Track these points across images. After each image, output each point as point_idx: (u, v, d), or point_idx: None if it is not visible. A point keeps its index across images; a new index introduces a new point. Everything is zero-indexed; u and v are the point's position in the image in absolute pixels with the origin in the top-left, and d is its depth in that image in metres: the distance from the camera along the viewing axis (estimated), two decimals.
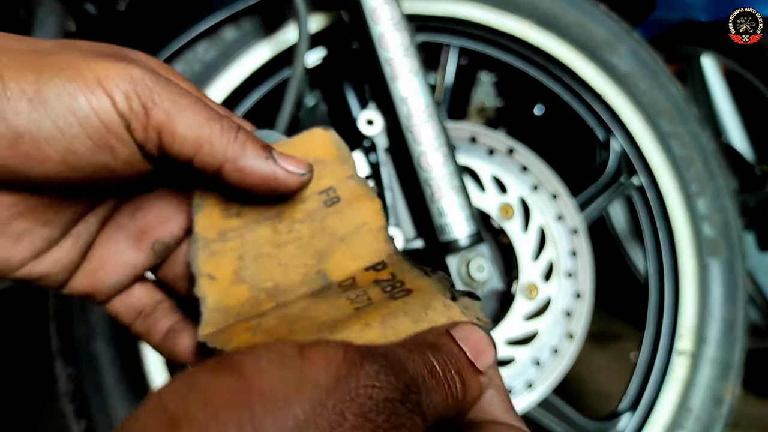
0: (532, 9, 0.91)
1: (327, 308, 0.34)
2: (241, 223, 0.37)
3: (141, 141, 0.30)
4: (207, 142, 0.31)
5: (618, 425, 0.91)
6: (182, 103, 0.30)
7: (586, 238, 0.88)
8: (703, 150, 0.95)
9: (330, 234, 0.38)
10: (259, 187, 0.34)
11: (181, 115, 0.30)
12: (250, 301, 0.36)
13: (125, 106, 0.29)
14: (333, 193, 0.38)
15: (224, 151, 0.32)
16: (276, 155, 0.34)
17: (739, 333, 0.92)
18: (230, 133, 0.32)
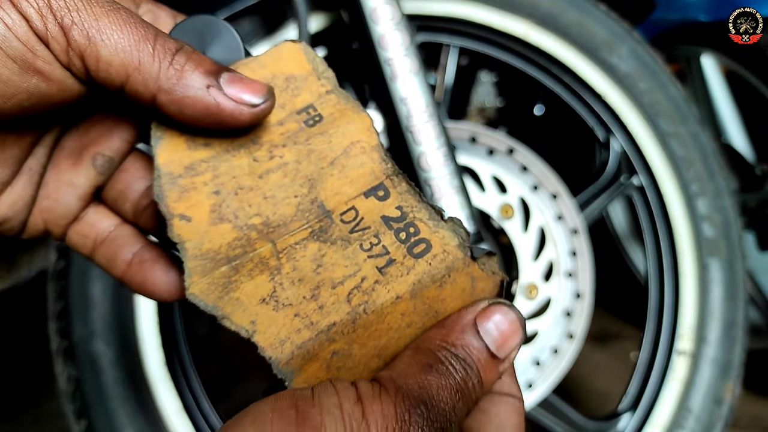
0: (532, 9, 0.91)
1: (342, 262, 0.32)
2: (211, 152, 0.32)
3: (66, 64, 0.27)
4: (135, 69, 0.27)
5: (618, 425, 0.91)
6: (106, 21, 0.27)
7: (586, 238, 0.88)
8: (703, 150, 0.95)
9: (318, 157, 0.33)
10: (202, 121, 0.29)
11: (104, 36, 0.26)
12: (240, 241, 0.31)
13: (40, 25, 0.26)
14: (313, 111, 0.34)
15: (156, 79, 0.28)
16: (223, 81, 0.29)
17: (739, 333, 0.92)
18: (164, 56, 0.28)
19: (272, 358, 0.30)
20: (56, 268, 0.80)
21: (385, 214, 0.33)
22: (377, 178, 0.34)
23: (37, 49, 0.26)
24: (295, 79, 0.35)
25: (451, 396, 0.27)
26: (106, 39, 0.26)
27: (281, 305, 0.30)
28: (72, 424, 0.79)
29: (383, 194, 0.33)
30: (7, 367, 1.46)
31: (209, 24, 0.33)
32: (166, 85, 0.28)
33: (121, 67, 0.27)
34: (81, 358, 0.79)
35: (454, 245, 0.33)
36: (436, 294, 0.32)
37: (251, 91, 0.29)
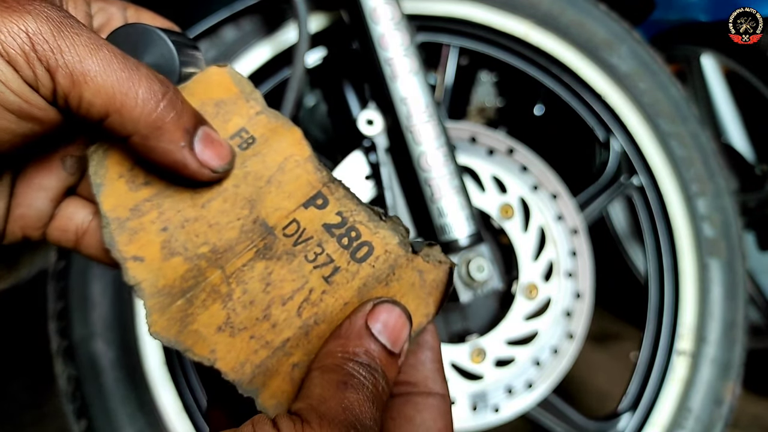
0: (532, 9, 0.91)
1: (289, 276, 0.33)
2: (153, 191, 0.33)
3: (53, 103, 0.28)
4: (116, 111, 0.28)
5: (618, 425, 0.91)
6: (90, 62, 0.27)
7: (586, 238, 0.88)
8: (703, 150, 0.95)
9: (255, 178, 0.34)
10: (163, 166, 0.31)
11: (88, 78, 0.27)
12: (191, 272, 0.32)
13: (29, 73, 0.26)
14: (245, 134, 0.35)
15: (135, 125, 0.28)
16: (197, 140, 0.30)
17: (739, 333, 0.92)
18: (147, 105, 0.28)
19: (235, 380, 0.31)
20: (56, 268, 0.80)
21: (326, 222, 0.34)
22: (314, 187, 0.35)
23: (30, 99, 0.27)
24: (225, 104, 0.36)
25: (370, 408, 0.28)
26: (90, 81, 0.27)
27: (237, 330, 0.32)
28: (72, 424, 0.79)
29: (322, 202, 0.35)
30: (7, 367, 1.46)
31: (145, 33, 0.33)
32: (141, 132, 0.29)
33: (103, 108, 0.28)
34: (81, 358, 0.79)
35: (395, 244, 0.34)
36: (384, 293, 0.33)
37: (218, 156, 0.31)
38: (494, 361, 0.84)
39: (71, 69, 0.27)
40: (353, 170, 0.86)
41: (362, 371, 0.29)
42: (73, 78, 0.27)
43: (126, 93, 0.28)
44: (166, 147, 0.29)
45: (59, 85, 0.27)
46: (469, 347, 0.83)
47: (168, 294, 0.32)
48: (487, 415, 0.82)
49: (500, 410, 0.83)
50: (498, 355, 0.84)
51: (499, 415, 0.83)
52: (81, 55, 0.27)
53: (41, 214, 0.35)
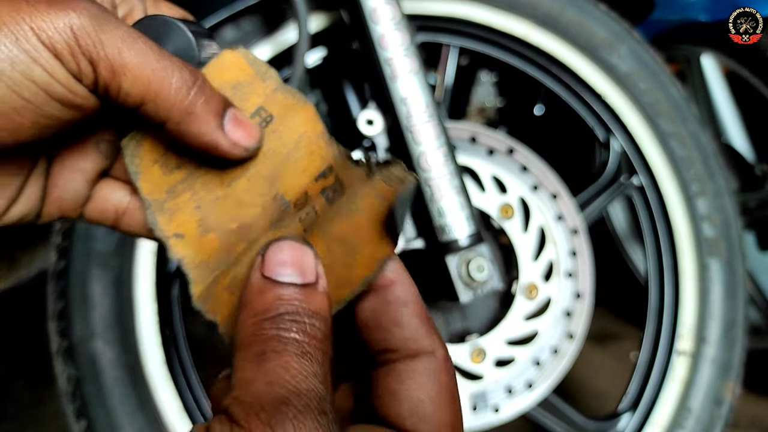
0: (532, 9, 0.91)
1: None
2: (184, 173, 0.36)
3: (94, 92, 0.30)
4: (152, 100, 0.30)
5: (618, 425, 0.91)
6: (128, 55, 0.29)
7: (586, 238, 0.88)
8: (703, 150, 0.95)
9: (273, 156, 0.36)
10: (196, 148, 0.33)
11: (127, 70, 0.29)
12: (224, 248, 0.35)
13: (74, 65, 0.28)
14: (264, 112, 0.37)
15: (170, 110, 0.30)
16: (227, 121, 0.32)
17: (739, 333, 0.92)
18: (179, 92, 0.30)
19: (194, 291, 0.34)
20: (56, 268, 0.80)
21: (325, 187, 0.36)
22: (325, 161, 0.36)
23: (75, 89, 0.29)
24: (242, 85, 0.37)
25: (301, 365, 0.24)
26: (128, 72, 0.29)
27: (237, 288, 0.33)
28: (72, 424, 0.79)
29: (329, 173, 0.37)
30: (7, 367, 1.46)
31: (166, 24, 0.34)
32: (177, 117, 0.31)
33: (139, 96, 0.30)
34: (81, 358, 0.79)
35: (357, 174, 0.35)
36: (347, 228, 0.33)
37: (248, 135, 0.33)
38: (494, 361, 0.84)
39: (111, 61, 0.29)
40: None
41: (280, 325, 0.26)
42: (113, 69, 0.29)
43: (160, 82, 0.30)
44: (198, 130, 0.31)
45: (100, 76, 0.29)
46: (469, 347, 0.83)
47: (207, 267, 0.34)
48: (487, 415, 0.82)
49: (500, 410, 0.83)
50: (498, 355, 0.84)
51: (499, 415, 0.83)
52: (120, 48, 0.29)
53: (77, 196, 0.37)
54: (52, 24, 0.27)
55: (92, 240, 0.80)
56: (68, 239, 0.80)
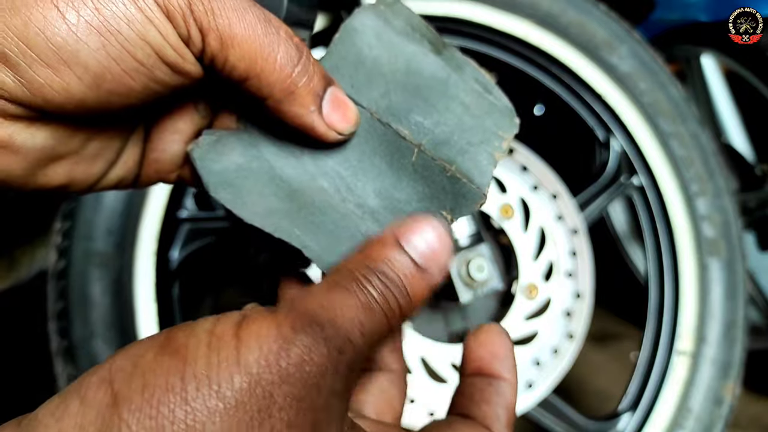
0: (532, 9, 0.91)
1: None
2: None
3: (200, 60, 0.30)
4: (256, 76, 0.29)
5: (618, 425, 0.91)
6: (238, 27, 0.28)
7: (586, 238, 0.88)
8: (703, 150, 0.95)
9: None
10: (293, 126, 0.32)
11: (235, 42, 0.28)
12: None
13: (184, 31, 0.28)
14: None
15: (271, 87, 0.30)
16: (326, 103, 0.32)
17: (739, 333, 0.92)
18: (283, 70, 0.30)
19: None
20: (56, 268, 0.80)
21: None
22: None
23: (185, 54, 0.28)
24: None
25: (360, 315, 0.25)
26: (237, 45, 0.29)
27: None
28: None
29: None
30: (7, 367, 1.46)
31: None
32: (276, 95, 0.30)
33: (244, 72, 0.29)
34: (81, 358, 0.79)
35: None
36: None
37: (345, 120, 0.32)
38: None
39: (221, 32, 0.28)
40: None
41: (370, 276, 0.26)
42: (222, 41, 0.28)
43: (266, 58, 0.29)
44: (297, 111, 0.31)
45: (209, 46, 0.28)
46: None
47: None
48: None
49: None
50: None
51: None
52: (231, 19, 0.28)
53: (175, 158, 0.36)
54: None
55: (92, 240, 0.80)
56: (68, 239, 0.80)
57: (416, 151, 0.34)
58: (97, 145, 0.31)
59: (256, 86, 0.30)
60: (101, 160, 0.32)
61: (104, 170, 0.33)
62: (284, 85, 0.30)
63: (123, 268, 0.81)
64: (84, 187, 0.32)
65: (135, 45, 0.27)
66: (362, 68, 0.35)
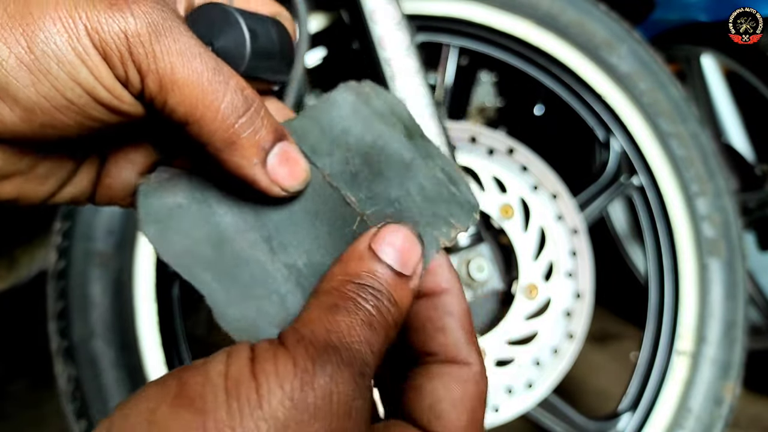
0: (532, 9, 0.91)
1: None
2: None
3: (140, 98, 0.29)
4: (196, 122, 0.29)
5: (618, 425, 0.91)
6: (179, 72, 0.28)
7: (586, 238, 0.88)
8: (703, 150, 0.95)
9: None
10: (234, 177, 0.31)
11: (176, 86, 0.28)
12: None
13: (122, 72, 0.27)
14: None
15: (211, 136, 0.29)
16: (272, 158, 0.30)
17: (739, 333, 0.92)
18: (226, 120, 0.29)
19: None
20: (56, 268, 0.80)
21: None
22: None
23: (120, 95, 0.28)
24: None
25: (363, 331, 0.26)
26: (177, 89, 0.28)
27: None
28: (72, 424, 0.79)
29: None
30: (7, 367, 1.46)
31: (223, 15, 0.33)
32: (218, 144, 0.29)
33: (183, 116, 0.29)
34: (81, 358, 0.79)
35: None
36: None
37: (291, 176, 0.31)
38: (494, 361, 0.84)
39: (161, 75, 0.27)
40: None
41: (361, 293, 0.27)
42: (161, 84, 0.28)
43: (208, 106, 0.28)
44: (238, 161, 0.30)
45: (147, 87, 0.28)
46: None
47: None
48: (487, 415, 0.82)
49: (500, 410, 0.83)
50: (498, 355, 0.84)
51: (499, 415, 0.83)
52: (173, 63, 0.28)
53: (127, 186, 0.36)
54: (107, 26, 0.26)
55: (92, 240, 0.80)
56: (68, 239, 0.80)
57: (359, 220, 0.33)
58: (47, 166, 0.32)
59: (196, 131, 0.29)
60: (52, 180, 0.32)
61: (55, 189, 0.33)
62: (225, 135, 0.29)
63: (123, 268, 0.81)
64: (34, 202, 0.33)
65: (65, 85, 0.27)
66: (328, 134, 0.34)
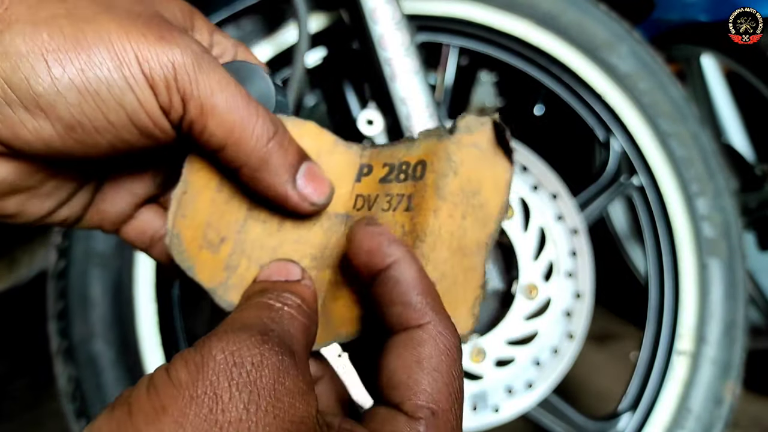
0: (532, 9, 0.91)
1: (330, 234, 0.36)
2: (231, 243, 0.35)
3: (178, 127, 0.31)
4: (233, 144, 0.31)
5: (618, 425, 0.91)
6: (219, 97, 0.30)
7: (586, 238, 0.88)
8: (703, 150, 0.95)
9: None
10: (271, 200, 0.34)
11: (215, 111, 0.30)
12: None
13: (165, 99, 0.29)
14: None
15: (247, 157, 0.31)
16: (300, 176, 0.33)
17: (739, 333, 0.92)
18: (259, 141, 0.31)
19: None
20: (56, 268, 0.80)
21: (380, 177, 0.36)
22: (354, 163, 0.37)
23: (159, 121, 0.30)
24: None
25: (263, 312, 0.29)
26: (216, 115, 0.30)
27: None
28: (72, 424, 0.79)
29: (367, 170, 0.37)
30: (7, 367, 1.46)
31: (251, 70, 0.36)
32: (252, 164, 0.32)
33: (221, 140, 0.31)
34: (81, 358, 0.79)
35: (435, 143, 0.35)
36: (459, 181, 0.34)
37: (319, 191, 0.34)
38: (494, 361, 0.84)
39: (203, 100, 0.30)
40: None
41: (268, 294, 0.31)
42: (203, 109, 0.30)
43: (244, 128, 0.30)
44: (271, 180, 0.32)
45: (189, 113, 0.30)
46: (469, 347, 0.83)
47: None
48: (487, 415, 0.82)
49: (500, 410, 0.83)
50: (498, 355, 0.84)
51: (499, 415, 0.83)
52: (213, 90, 0.30)
53: (120, 214, 0.38)
54: (156, 56, 0.28)
55: (92, 240, 0.80)
56: (68, 239, 0.80)
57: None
58: (53, 184, 0.33)
59: (232, 154, 0.31)
60: (53, 199, 0.34)
61: (53, 208, 0.34)
62: (260, 154, 0.31)
63: (123, 268, 0.81)
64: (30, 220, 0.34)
65: (110, 107, 0.28)
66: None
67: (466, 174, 0.34)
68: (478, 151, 0.34)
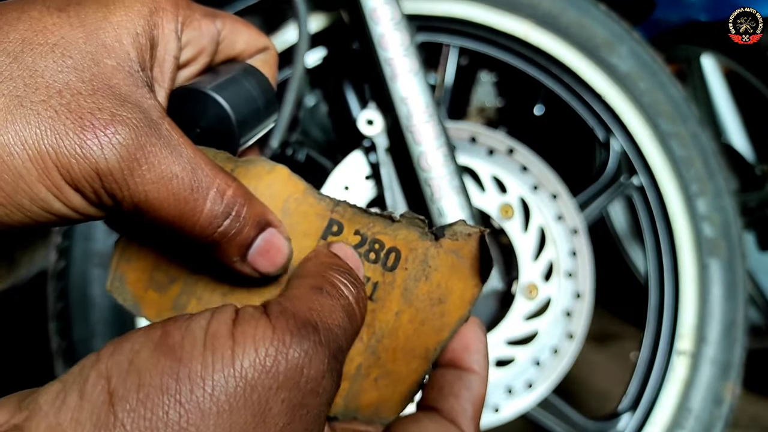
0: (532, 9, 0.91)
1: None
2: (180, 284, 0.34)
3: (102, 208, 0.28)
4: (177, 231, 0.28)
5: (618, 425, 0.91)
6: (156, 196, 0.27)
7: (586, 238, 0.88)
8: (703, 150, 0.95)
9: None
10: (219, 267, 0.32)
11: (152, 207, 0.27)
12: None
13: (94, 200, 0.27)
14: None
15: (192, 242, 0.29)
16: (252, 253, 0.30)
17: (739, 333, 0.92)
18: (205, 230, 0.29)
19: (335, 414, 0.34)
20: (56, 269, 0.80)
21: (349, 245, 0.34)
22: (324, 217, 0.34)
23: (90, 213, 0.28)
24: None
25: (341, 316, 0.27)
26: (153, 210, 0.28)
27: None
28: None
29: (337, 228, 0.35)
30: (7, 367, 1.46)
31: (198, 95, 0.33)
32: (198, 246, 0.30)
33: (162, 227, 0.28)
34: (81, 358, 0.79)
35: (416, 239, 0.35)
36: (428, 287, 0.34)
37: (271, 263, 0.31)
38: (494, 361, 0.84)
39: (135, 201, 0.27)
40: (353, 170, 0.86)
41: (342, 278, 0.29)
42: (136, 208, 0.27)
43: (187, 219, 0.28)
44: (220, 257, 0.30)
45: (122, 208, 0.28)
46: None
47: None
48: (487, 415, 0.82)
49: (500, 410, 0.83)
50: (498, 355, 0.84)
51: (499, 415, 0.83)
52: (147, 192, 0.27)
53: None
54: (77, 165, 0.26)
55: (92, 240, 0.80)
56: (68, 239, 0.80)
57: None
58: None
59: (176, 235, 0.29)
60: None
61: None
62: (206, 241, 0.29)
63: None
64: None
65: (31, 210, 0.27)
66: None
67: (437, 280, 0.34)
68: (456, 259, 0.34)
